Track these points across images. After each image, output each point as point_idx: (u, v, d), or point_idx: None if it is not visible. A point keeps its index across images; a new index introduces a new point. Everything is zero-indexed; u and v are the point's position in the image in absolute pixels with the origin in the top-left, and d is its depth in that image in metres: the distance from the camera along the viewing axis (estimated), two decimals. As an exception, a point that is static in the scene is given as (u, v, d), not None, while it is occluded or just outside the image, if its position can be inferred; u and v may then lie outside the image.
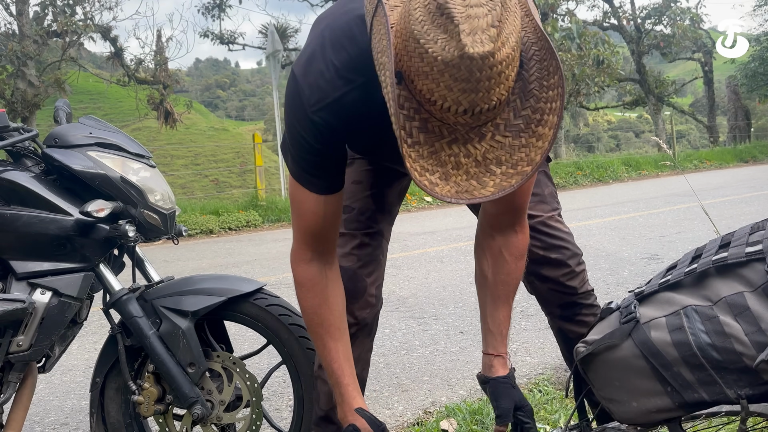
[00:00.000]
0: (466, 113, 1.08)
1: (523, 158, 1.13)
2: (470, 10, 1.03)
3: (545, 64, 1.14)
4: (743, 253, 1.29)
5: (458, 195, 1.11)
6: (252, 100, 62.95)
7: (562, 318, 1.81)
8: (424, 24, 1.05)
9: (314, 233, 1.44)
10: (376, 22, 1.13)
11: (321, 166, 1.36)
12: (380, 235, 1.69)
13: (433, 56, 1.03)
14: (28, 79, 12.66)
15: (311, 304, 1.49)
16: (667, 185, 11.59)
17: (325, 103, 1.28)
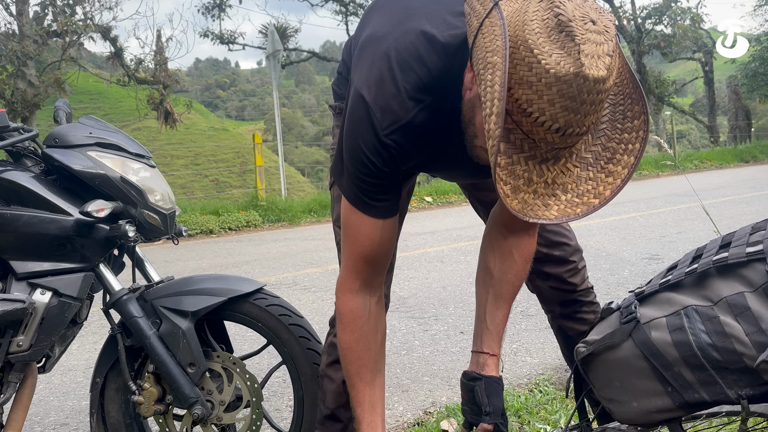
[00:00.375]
0: (558, 132, 1.09)
1: (590, 190, 1.15)
2: (590, 34, 1.05)
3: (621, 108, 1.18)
4: (744, 253, 1.29)
5: (524, 211, 1.13)
6: (252, 100, 62.97)
7: (562, 316, 1.82)
8: (540, 36, 1.06)
9: (368, 259, 1.42)
10: (487, 23, 1.13)
11: (384, 189, 1.35)
12: None
13: (546, 68, 1.04)
14: (28, 79, 12.66)
15: (348, 339, 1.47)
16: (668, 185, 11.59)
17: (398, 125, 1.28)
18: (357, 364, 1.46)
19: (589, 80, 1.04)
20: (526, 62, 1.06)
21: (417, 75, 1.27)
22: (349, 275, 1.45)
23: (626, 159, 1.17)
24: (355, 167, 1.32)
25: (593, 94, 1.05)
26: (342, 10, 21.10)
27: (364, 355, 1.46)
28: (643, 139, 1.16)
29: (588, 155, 1.16)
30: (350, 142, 1.32)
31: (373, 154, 1.29)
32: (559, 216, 1.13)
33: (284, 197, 11.01)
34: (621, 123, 1.17)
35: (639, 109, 1.16)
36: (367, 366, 1.47)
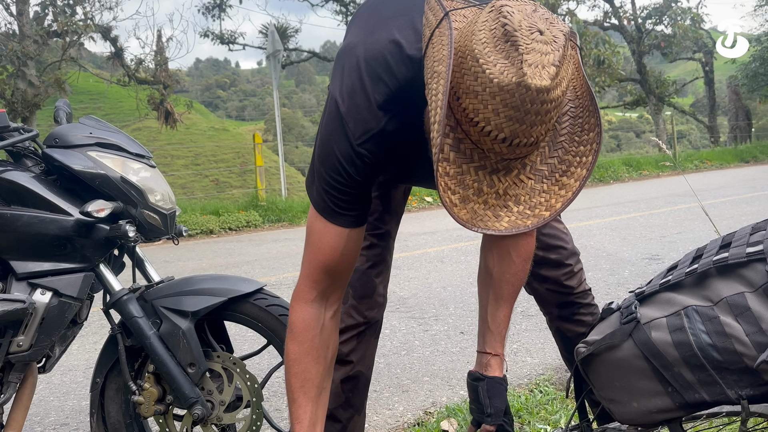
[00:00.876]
0: (504, 142, 1.09)
1: (542, 203, 1.15)
2: (536, 44, 1.05)
3: (580, 121, 1.17)
4: (744, 253, 1.29)
5: (473, 221, 1.12)
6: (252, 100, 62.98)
7: (560, 318, 1.82)
8: (486, 46, 1.06)
9: (328, 269, 1.39)
10: (438, 33, 1.14)
11: (354, 199, 1.35)
12: (388, 236, 1.71)
13: (490, 77, 1.04)
14: (29, 79, 12.67)
15: (296, 351, 1.41)
16: (668, 185, 11.59)
17: (371, 134, 1.28)
18: (302, 377, 1.41)
19: (532, 90, 1.03)
20: (472, 72, 1.06)
21: (387, 86, 1.27)
22: (306, 284, 1.41)
23: (579, 172, 1.16)
24: (328, 175, 1.32)
25: (537, 104, 1.05)
26: (342, 10, 21.11)
27: (311, 369, 1.41)
28: (596, 152, 1.16)
29: (544, 167, 1.16)
30: (325, 150, 1.32)
31: (348, 164, 1.30)
32: (509, 227, 1.13)
33: (284, 197, 11.01)
34: (578, 135, 1.17)
35: (594, 121, 1.16)
36: (313, 381, 1.41)
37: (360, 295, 1.68)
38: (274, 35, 12.07)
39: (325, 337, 1.43)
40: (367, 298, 1.69)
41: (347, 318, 1.70)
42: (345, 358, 1.71)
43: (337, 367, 1.69)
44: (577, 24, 17.47)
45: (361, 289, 1.68)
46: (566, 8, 18.96)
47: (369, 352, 1.75)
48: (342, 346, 1.69)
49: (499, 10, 1.08)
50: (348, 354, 1.71)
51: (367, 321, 1.70)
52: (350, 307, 1.70)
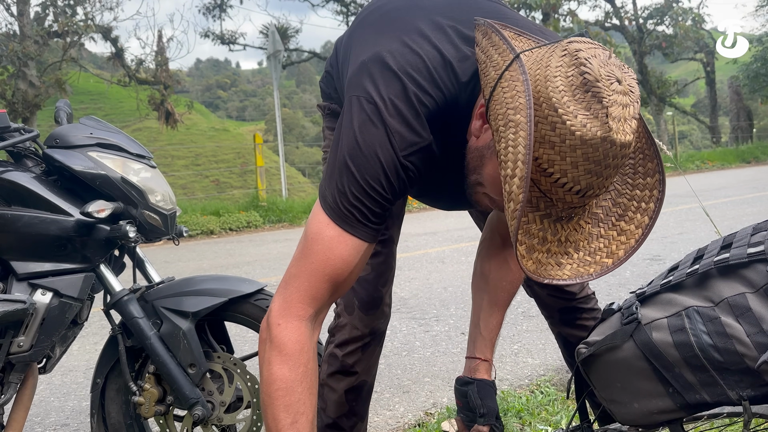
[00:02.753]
0: (578, 193, 1.05)
1: (602, 248, 1.12)
2: (617, 96, 1.01)
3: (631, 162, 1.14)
4: (745, 254, 1.28)
5: (537, 272, 1.09)
6: (253, 100, 63.00)
7: (562, 322, 1.81)
8: (565, 95, 1.01)
9: (334, 283, 1.22)
10: (507, 76, 1.07)
11: (383, 213, 1.23)
12: (391, 241, 1.65)
13: (571, 129, 1.00)
14: (29, 80, 12.68)
15: (289, 377, 1.18)
16: (669, 186, 11.47)
17: (419, 147, 1.19)
18: (295, 410, 1.19)
19: (617, 145, 1.00)
20: (549, 121, 1.01)
21: (432, 98, 1.20)
22: (303, 299, 1.21)
23: (639, 218, 1.13)
24: (365, 182, 1.18)
25: (618, 158, 1.02)
26: (343, 10, 21.12)
27: (306, 400, 1.20)
28: (658, 200, 1.12)
29: (598, 210, 1.13)
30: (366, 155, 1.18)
31: (392, 174, 1.18)
32: (572, 276, 1.09)
33: (285, 198, 11.01)
34: (632, 178, 1.13)
35: (653, 166, 1.12)
36: (307, 416, 1.20)
37: (366, 306, 1.60)
38: (274, 35, 12.07)
39: (314, 360, 1.24)
40: (374, 309, 1.61)
41: (353, 330, 1.62)
42: (350, 369, 1.66)
43: (341, 378, 1.65)
44: (578, 24, 17.46)
45: (368, 300, 1.60)
46: (567, 8, 18.96)
47: (373, 362, 1.71)
48: (347, 358, 1.64)
49: (575, 55, 1.02)
50: (353, 365, 1.66)
51: (373, 332, 1.64)
52: (356, 318, 1.62)
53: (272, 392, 1.19)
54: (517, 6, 17.49)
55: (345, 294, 1.59)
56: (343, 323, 1.64)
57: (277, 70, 11.86)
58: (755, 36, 22.95)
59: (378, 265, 1.60)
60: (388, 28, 1.30)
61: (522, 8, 17.72)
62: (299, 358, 1.20)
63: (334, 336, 1.67)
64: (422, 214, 9.44)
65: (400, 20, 1.31)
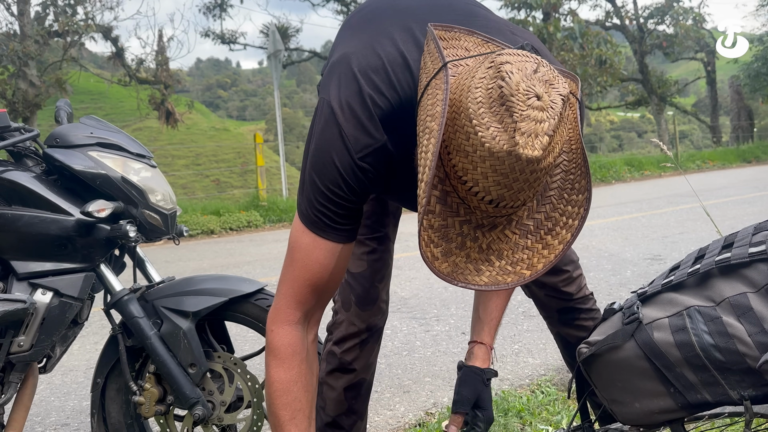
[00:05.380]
0: (491, 203, 1.07)
1: (524, 260, 1.12)
2: (532, 111, 1.01)
3: (571, 177, 1.14)
4: (746, 253, 1.28)
5: (452, 275, 1.10)
6: (253, 100, 62.97)
7: (560, 323, 1.81)
8: (482, 106, 1.02)
9: (316, 288, 1.30)
10: (434, 84, 1.10)
11: (351, 213, 1.28)
12: (387, 239, 1.68)
13: (481, 141, 1.01)
14: (30, 79, 12.69)
15: (284, 378, 1.30)
16: (670, 185, 11.58)
17: (373, 148, 1.22)
18: (293, 408, 1.30)
19: (522, 160, 1.00)
20: (465, 131, 1.03)
21: (387, 99, 1.23)
22: (290, 304, 1.30)
23: (563, 234, 1.13)
24: (325, 187, 1.24)
25: (526, 173, 1.02)
26: (343, 9, 21.12)
27: (302, 398, 1.31)
28: (583, 218, 1.12)
29: (530, 222, 1.13)
30: (323, 161, 1.24)
31: (349, 176, 1.23)
32: (489, 283, 1.10)
33: (285, 197, 11.01)
34: (568, 193, 1.13)
35: (584, 184, 1.12)
36: (304, 411, 1.31)
37: (363, 302, 1.63)
38: (275, 35, 12.07)
39: (310, 362, 1.34)
40: (370, 305, 1.64)
41: (350, 326, 1.65)
42: (348, 366, 1.67)
43: (339, 375, 1.66)
44: (578, 24, 17.46)
45: (364, 297, 1.63)
46: (568, 8, 18.96)
47: (372, 359, 1.72)
48: (345, 355, 1.66)
49: (499, 68, 1.03)
50: (351, 362, 1.67)
51: (370, 329, 1.66)
52: (353, 314, 1.65)
53: (272, 393, 1.31)
54: (517, 6, 17.49)
55: (342, 292, 1.64)
56: (340, 320, 1.67)
57: (278, 70, 11.85)
58: (756, 36, 22.94)
59: (373, 262, 1.63)
60: (361, 30, 1.35)
61: (522, 8, 17.72)
62: (292, 360, 1.31)
63: (332, 333, 1.69)
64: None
65: (373, 22, 1.34)
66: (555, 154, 1.05)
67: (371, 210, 1.63)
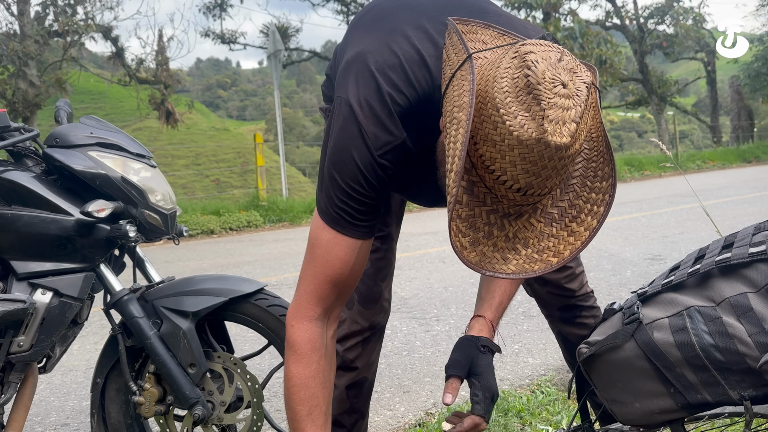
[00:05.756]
0: (519, 192, 1.08)
1: (551, 247, 1.13)
2: (558, 99, 1.02)
3: (593, 165, 1.14)
4: (747, 253, 1.28)
5: (480, 264, 1.10)
6: (253, 99, 62.96)
7: (562, 320, 1.81)
8: (508, 95, 1.03)
9: (336, 284, 1.32)
10: (459, 75, 1.11)
11: (370, 209, 1.29)
12: (390, 238, 1.68)
13: (509, 129, 1.02)
14: (29, 79, 12.69)
15: (303, 374, 1.31)
16: (670, 185, 11.58)
17: (393, 145, 1.24)
18: (310, 403, 1.32)
19: (551, 147, 1.01)
20: (492, 120, 1.04)
21: (406, 97, 1.24)
22: (311, 300, 1.32)
23: (589, 221, 1.13)
24: (345, 184, 1.26)
25: (555, 160, 1.03)
26: (343, 9, 21.13)
27: (319, 394, 1.32)
28: (608, 204, 1.13)
29: (554, 210, 1.14)
30: (343, 158, 1.25)
31: (370, 173, 1.24)
32: (516, 271, 1.11)
33: (285, 197, 11.02)
34: (591, 181, 1.14)
35: (609, 170, 1.14)
36: (321, 407, 1.33)
37: (365, 300, 1.65)
38: (275, 35, 12.08)
39: (329, 359, 1.36)
40: (373, 303, 1.65)
41: (352, 324, 1.66)
42: (350, 364, 1.68)
43: (341, 374, 1.66)
44: (578, 24, 17.46)
45: (367, 295, 1.64)
46: (568, 8, 18.96)
47: (373, 358, 1.72)
48: (347, 353, 1.67)
49: (524, 57, 1.04)
50: (353, 360, 1.68)
51: (372, 327, 1.67)
52: (356, 313, 1.66)
53: (290, 388, 1.33)
54: (517, 6, 17.49)
55: None
56: (343, 318, 1.67)
57: (278, 70, 11.86)
58: (756, 36, 22.94)
59: (376, 260, 1.64)
60: (374, 29, 1.35)
61: (522, 8, 17.72)
62: (311, 356, 1.32)
63: None
64: (423, 213, 9.44)
65: (386, 21, 1.35)
66: (581, 141, 1.06)
67: None
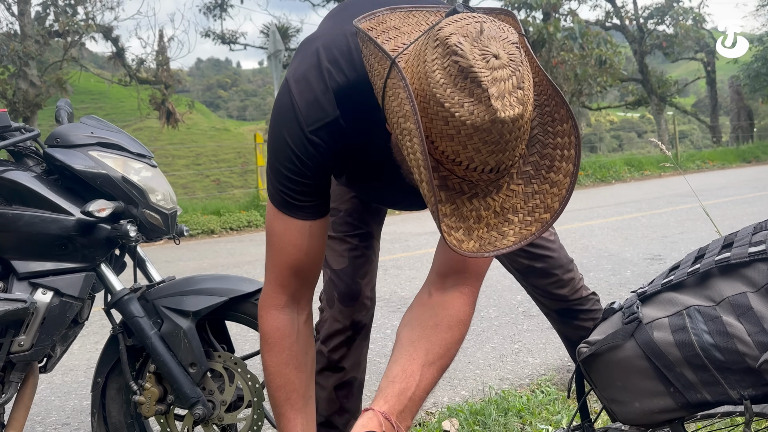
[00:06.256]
0: (492, 171, 1.07)
1: (539, 205, 1.11)
2: (495, 72, 0.99)
3: (548, 110, 1.12)
4: (746, 253, 1.28)
5: (482, 249, 1.09)
6: (253, 100, 62.90)
7: (561, 322, 1.82)
8: (447, 87, 1.00)
9: (294, 269, 1.33)
10: (390, 84, 1.07)
11: (311, 191, 1.29)
12: (370, 236, 1.68)
13: (461, 120, 1.00)
14: (30, 79, 12.68)
15: (275, 362, 1.34)
16: (670, 185, 11.57)
17: (325, 122, 1.23)
18: (286, 389, 1.35)
19: (507, 122, 0.99)
20: (441, 116, 1.02)
21: (345, 75, 1.23)
22: (274, 289, 1.34)
23: (565, 166, 1.11)
24: (282, 165, 1.26)
25: (515, 131, 1.02)
26: (343, 10, 21.08)
27: (294, 379, 1.35)
28: (576, 145, 1.11)
29: (528, 168, 1.12)
30: (275, 143, 1.27)
31: (300, 151, 1.24)
32: (517, 240, 1.10)
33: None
34: (551, 126, 1.12)
35: (564, 112, 1.11)
36: (298, 392, 1.35)
37: (345, 298, 1.64)
38: (275, 35, 12.08)
39: (302, 344, 1.36)
40: (353, 301, 1.65)
41: (334, 323, 1.66)
42: (337, 365, 1.68)
43: (329, 374, 1.67)
44: (578, 24, 17.45)
45: (346, 292, 1.64)
46: (568, 8, 18.95)
47: (361, 357, 1.72)
48: (332, 353, 1.67)
49: (446, 43, 1.01)
50: (339, 361, 1.68)
51: (354, 325, 1.67)
52: (336, 311, 1.66)
53: (267, 377, 1.37)
54: (517, 6, 17.47)
55: (326, 289, 1.66)
56: (325, 317, 1.68)
57: (278, 70, 11.86)
58: (756, 36, 22.93)
59: (354, 258, 1.64)
60: (336, 16, 1.38)
61: (522, 8, 17.70)
62: (282, 343, 1.35)
63: (319, 332, 1.70)
64: (423, 213, 9.42)
65: (348, 10, 1.36)
66: (531, 100, 1.04)
67: (352, 207, 1.64)
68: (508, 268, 1.78)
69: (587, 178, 13.34)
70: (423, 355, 1.23)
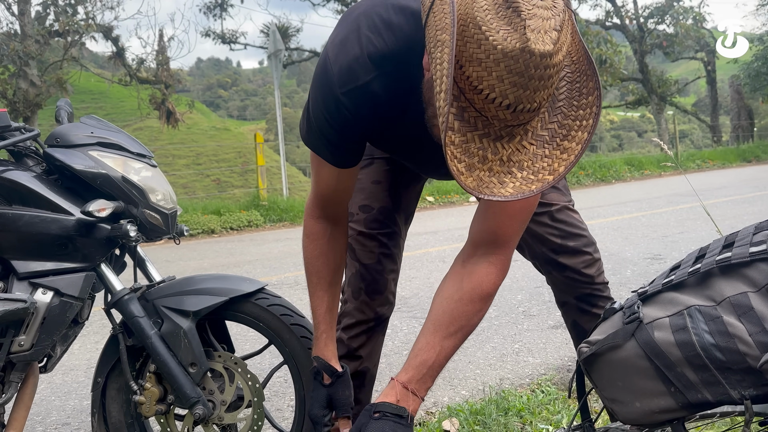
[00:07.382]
0: (509, 108, 1.09)
1: (545, 167, 1.15)
2: (537, 9, 1.06)
3: (578, 86, 1.17)
4: (747, 253, 1.28)
5: (479, 189, 1.13)
6: (254, 99, 62.96)
7: (578, 309, 1.82)
8: (488, 12, 1.06)
9: (327, 198, 1.50)
10: (438, 2, 1.14)
11: (339, 144, 1.38)
12: (397, 236, 1.74)
13: (493, 44, 1.05)
14: (30, 79, 12.69)
15: (311, 255, 1.58)
16: (670, 185, 11.58)
17: (355, 85, 1.29)
18: (317, 276, 1.58)
19: (536, 55, 1.04)
20: (475, 39, 1.07)
21: (384, 41, 1.27)
22: (314, 204, 1.54)
23: (580, 135, 1.16)
24: (315, 117, 1.37)
25: (540, 69, 1.05)
26: (343, 9, 21.10)
27: (323, 270, 1.57)
28: (596, 114, 1.16)
29: (544, 133, 1.16)
30: (313, 95, 1.37)
31: (329, 110, 1.32)
32: (514, 193, 1.13)
33: (286, 197, 11.01)
34: (577, 100, 1.17)
35: (592, 84, 1.16)
36: (326, 279, 1.58)
37: (372, 291, 1.72)
38: (275, 35, 12.08)
39: (332, 244, 1.57)
40: (378, 294, 1.73)
41: (358, 313, 1.75)
42: (355, 353, 1.76)
43: (346, 362, 1.72)
44: (578, 23, 17.46)
45: (374, 285, 1.72)
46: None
47: (376, 348, 1.80)
48: (352, 341, 1.75)
49: None
50: (357, 349, 1.75)
51: (377, 317, 1.75)
52: (362, 302, 1.74)
53: (304, 262, 1.60)
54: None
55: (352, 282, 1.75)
56: (349, 309, 1.76)
57: (278, 70, 11.86)
58: (756, 35, 22.92)
59: (383, 256, 1.72)
60: None
61: (523, 7, 17.71)
62: (317, 242, 1.56)
63: (341, 322, 1.77)
64: (423, 213, 9.44)
65: None
66: (563, 52, 1.08)
67: (385, 206, 1.71)
68: (536, 251, 1.78)
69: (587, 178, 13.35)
70: (445, 328, 1.38)
